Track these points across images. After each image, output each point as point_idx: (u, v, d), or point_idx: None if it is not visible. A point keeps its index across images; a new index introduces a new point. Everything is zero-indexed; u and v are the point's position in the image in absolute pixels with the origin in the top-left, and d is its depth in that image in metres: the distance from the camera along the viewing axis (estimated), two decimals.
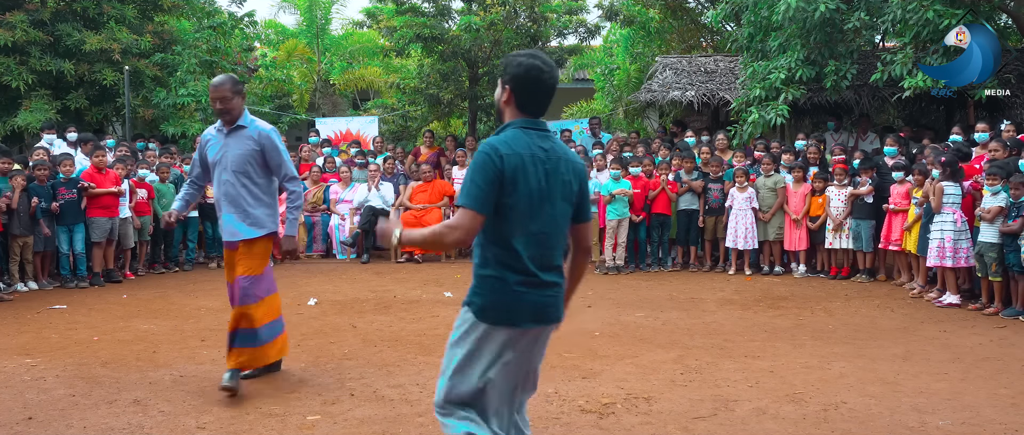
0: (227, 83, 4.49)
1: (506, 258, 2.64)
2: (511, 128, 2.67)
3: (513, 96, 2.67)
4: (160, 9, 13.24)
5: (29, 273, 8.21)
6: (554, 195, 2.67)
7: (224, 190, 4.57)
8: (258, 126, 4.60)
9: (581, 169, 2.77)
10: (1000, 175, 6.91)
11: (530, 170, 2.61)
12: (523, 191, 2.60)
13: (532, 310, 2.68)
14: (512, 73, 2.65)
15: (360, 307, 7.31)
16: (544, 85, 2.66)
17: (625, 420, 4.14)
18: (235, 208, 4.56)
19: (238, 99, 4.51)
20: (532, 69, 2.64)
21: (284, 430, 4.00)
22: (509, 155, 2.59)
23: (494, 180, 2.57)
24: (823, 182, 9.04)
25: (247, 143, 4.54)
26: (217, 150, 4.60)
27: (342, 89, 17.33)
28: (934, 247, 7.34)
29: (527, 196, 2.61)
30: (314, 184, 11.31)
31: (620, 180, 9.38)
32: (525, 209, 2.62)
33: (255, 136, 4.55)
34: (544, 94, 2.68)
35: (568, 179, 2.70)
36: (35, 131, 10.88)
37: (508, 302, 2.64)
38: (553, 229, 2.69)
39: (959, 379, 4.91)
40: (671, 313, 7.00)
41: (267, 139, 4.57)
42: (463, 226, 2.56)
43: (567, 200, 2.72)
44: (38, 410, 4.31)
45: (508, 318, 2.65)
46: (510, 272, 2.64)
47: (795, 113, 10.96)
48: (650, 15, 15.15)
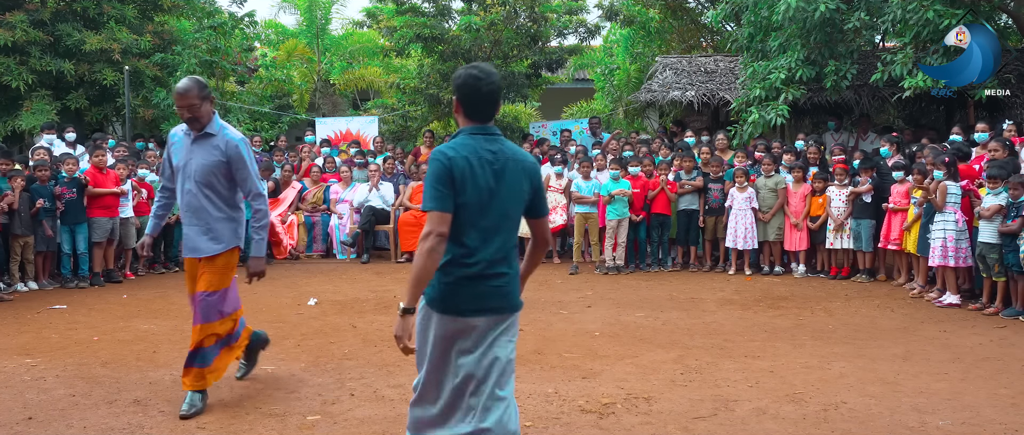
0: (194, 88, 4.17)
1: (457, 252, 2.84)
2: (461, 135, 2.92)
3: (460, 105, 2.93)
4: (160, 9, 13.24)
5: (29, 273, 8.22)
6: (503, 193, 2.88)
7: (187, 201, 4.28)
8: (228, 134, 4.27)
9: (531, 168, 2.98)
10: (1000, 175, 6.92)
11: (478, 171, 2.83)
12: (472, 190, 2.82)
13: (477, 300, 2.86)
14: (456, 85, 2.93)
15: (360, 307, 7.30)
16: (483, 93, 2.89)
17: (625, 420, 4.14)
18: (198, 221, 4.28)
19: (206, 104, 4.20)
20: (470, 78, 2.90)
21: (284, 430, 4.01)
22: (456, 158, 2.82)
23: (448, 181, 2.80)
24: (823, 182, 9.04)
25: (213, 153, 4.23)
26: (182, 155, 4.30)
27: (342, 89, 17.32)
28: (937, 246, 7.34)
29: (476, 195, 2.83)
30: (314, 184, 11.32)
31: (620, 180, 9.38)
32: (475, 207, 2.83)
33: (222, 146, 4.23)
34: (485, 102, 2.91)
35: (518, 178, 2.91)
36: (35, 131, 10.88)
37: (455, 292, 2.84)
38: (503, 225, 2.90)
39: (959, 379, 4.91)
40: (671, 313, 7.00)
41: (235, 150, 4.23)
42: (433, 229, 2.77)
43: (517, 198, 2.93)
44: (38, 410, 4.32)
45: (455, 307, 2.84)
46: (459, 266, 2.84)
47: (795, 113, 10.96)
48: (650, 15, 15.15)
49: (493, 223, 2.87)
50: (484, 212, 2.85)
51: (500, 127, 14.89)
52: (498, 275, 2.89)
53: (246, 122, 14.02)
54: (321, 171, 11.51)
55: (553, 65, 14.92)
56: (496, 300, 2.90)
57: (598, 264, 9.55)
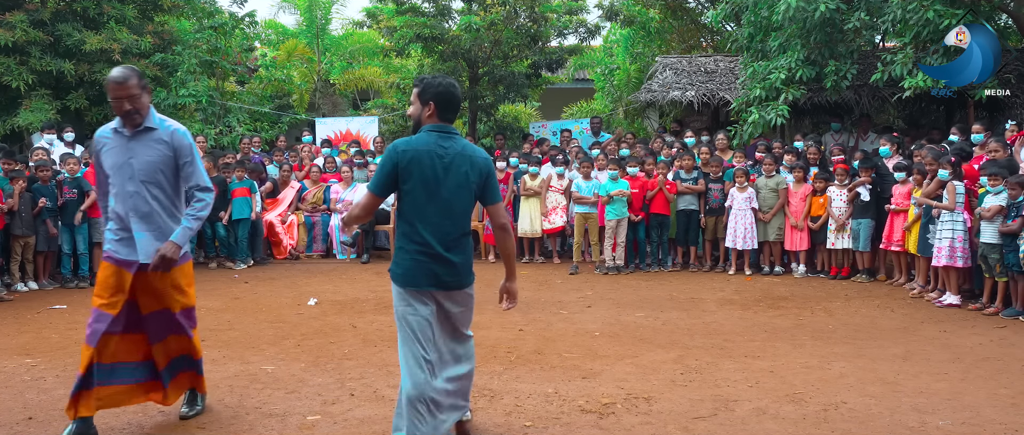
0: (133, 77, 3.78)
1: (410, 233, 3.39)
2: (422, 131, 3.44)
3: (436, 109, 3.44)
4: (160, 9, 13.23)
5: (30, 273, 8.22)
6: (450, 184, 3.36)
7: (133, 204, 3.84)
8: (169, 125, 3.92)
9: (480, 161, 3.46)
10: (1000, 174, 6.91)
11: (425, 162, 3.34)
12: (417, 179, 3.33)
13: (429, 276, 3.38)
14: (436, 92, 3.44)
15: (360, 307, 7.30)
16: (455, 101, 3.49)
17: (625, 420, 4.14)
18: (149, 225, 3.86)
19: (146, 96, 3.83)
20: (450, 87, 3.47)
21: (284, 430, 4.01)
22: (406, 150, 3.35)
23: (391, 171, 3.35)
24: (824, 182, 9.04)
25: (158, 148, 3.86)
26: (118, 155, 3.86)
27: (342, 89, 17.32)
28: (945, 247, 7.31)
29: (422, 183, 3.33)
30: (314, 184, 11.32)
31: (618, 180, 9.38)
32: (421, 194, 3.34)
33: (168, 139, 3.87)
34: (453, 109, 3.50)
35: (465, 171, 3.40)
36: (35, 130, 10.87)
37: (410, 268, 3.39)
38: (449, 211, 3.38)
39: (959, 379, 4.91)
40: (671, 313, 7.00)
41: (181, 140, 3.90)
42: (361, 204, 3.46)
43: (465, 189, 3.41)
44: (38, 410, 4.32)
45: (413, 281, 3.38)
46: (412, 244, 3.38)
47: (795, 113, 10.95)
48: (650, 15, 15.14)
49: (440, 208, 3.36)
50: (431, 198, 3.35)
51: (500, 127, 14.98)
52: (445, 256, 3.38)
53: (246, 122, 14.02)
54: (321, 171, 11.51)
55: (553, 65, 14.92)
56: (444, 279, 3.40)
57: (598, 264, 9.55)
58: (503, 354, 5.50)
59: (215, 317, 6.77)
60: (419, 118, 3.50)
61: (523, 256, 10.40)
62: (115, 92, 3.75)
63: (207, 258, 10.11)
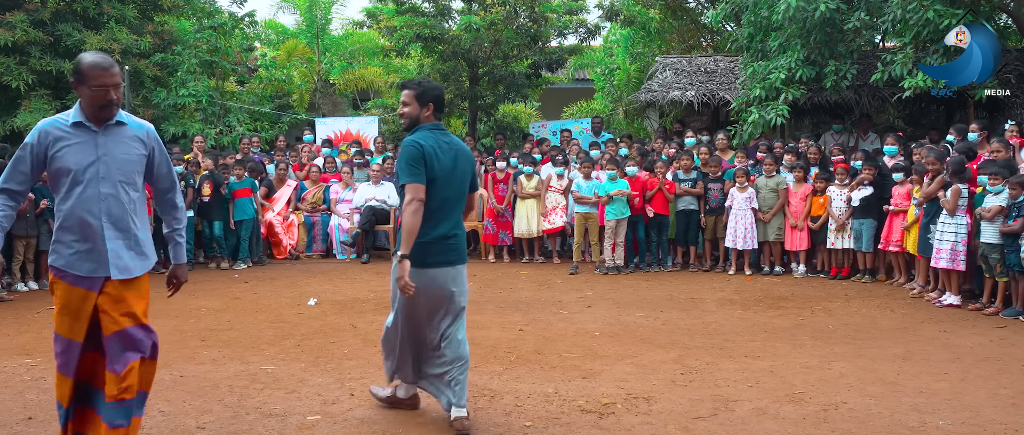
0: (115, 65, 3.41)
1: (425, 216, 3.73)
2: (422, 130, 3.88)
3: (434, 108, 3.94)
4: (160, 9, 13.23)
5: (30, 273, 8.22)
6: (457, 172, 3.89)
7: (107, 207, 3.34)
8: (139, 123, 3.52)
9: (470, 154, 4.01)
10: (1000, 173, 6.91)
11: (440, 155, 3.81)
12: (438, 169, 3.79)
13: (440, 253, 3.83)
14: (435, 93, 3.95)
15: (360, 307, 7.30)
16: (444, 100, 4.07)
17: (625, 420, 4.14)
18: (122, 232, 3.40)
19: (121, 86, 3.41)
20: (442, 89, 4.10)
21: (284, 430, 4.01)
22: (426, 146, 3.79)
23: (421, 161, 3.74)
24: (824, 182, 9.04)
25: (134, 145, 3.43)
26: (84, 153, 3.34)
27: (342, 89, 17.33)
28: (946, 250, 7.28)
29: (441, 173, 3.80)
30: (314, 184, 11.32)
31: (618, 180, 9.38)
32: (441, 182, 3.80)
33: (143, 137, 3.47)
34: (443, 108, 4.12)
35: (463, 162, 3.93)
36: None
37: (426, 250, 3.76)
38: (458, 196, 3.92)
39: (959, 379, 4.91)
40: (671, 313, 7.00)
41: (156, 141, 3.53)
42: (413, 196, 3.71)
43: (465, 176, 3.95)
44: (38, 410, 4.32)
45: (422, 260, 3.76)
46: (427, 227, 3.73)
47: (795, 113, 10.95)
48: (650, 15, 15.14)
49: (453, 195, 3.87)
50: (446, 186, 3.82)
51: (500, 127, 14.98)
52: (452, 235, 3.88)
53: (246, 122, 14.02)
54: (321, 171, 11.51)
55: (553, 65, 14.92)
56: (451, 255, 3.88)
57: (598, 264, 9.55)
58: (503, 354, 5.50)
59: (215, 317, 6.77)
60: (417, 117, 3.92)
61: (523, 256, 10.41)
62: (101, 79, 3.29)
63: (207, 258, 10.10)
